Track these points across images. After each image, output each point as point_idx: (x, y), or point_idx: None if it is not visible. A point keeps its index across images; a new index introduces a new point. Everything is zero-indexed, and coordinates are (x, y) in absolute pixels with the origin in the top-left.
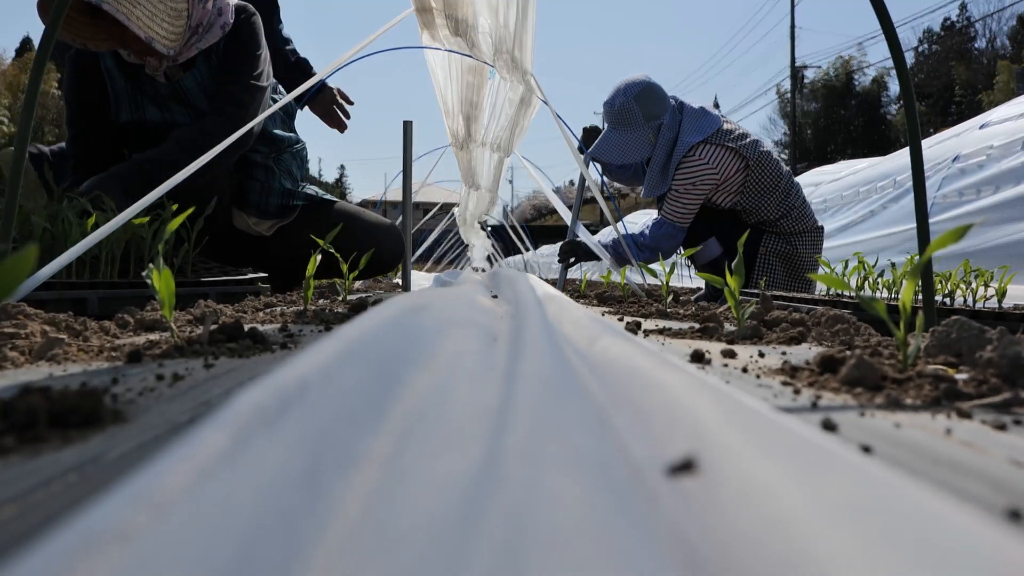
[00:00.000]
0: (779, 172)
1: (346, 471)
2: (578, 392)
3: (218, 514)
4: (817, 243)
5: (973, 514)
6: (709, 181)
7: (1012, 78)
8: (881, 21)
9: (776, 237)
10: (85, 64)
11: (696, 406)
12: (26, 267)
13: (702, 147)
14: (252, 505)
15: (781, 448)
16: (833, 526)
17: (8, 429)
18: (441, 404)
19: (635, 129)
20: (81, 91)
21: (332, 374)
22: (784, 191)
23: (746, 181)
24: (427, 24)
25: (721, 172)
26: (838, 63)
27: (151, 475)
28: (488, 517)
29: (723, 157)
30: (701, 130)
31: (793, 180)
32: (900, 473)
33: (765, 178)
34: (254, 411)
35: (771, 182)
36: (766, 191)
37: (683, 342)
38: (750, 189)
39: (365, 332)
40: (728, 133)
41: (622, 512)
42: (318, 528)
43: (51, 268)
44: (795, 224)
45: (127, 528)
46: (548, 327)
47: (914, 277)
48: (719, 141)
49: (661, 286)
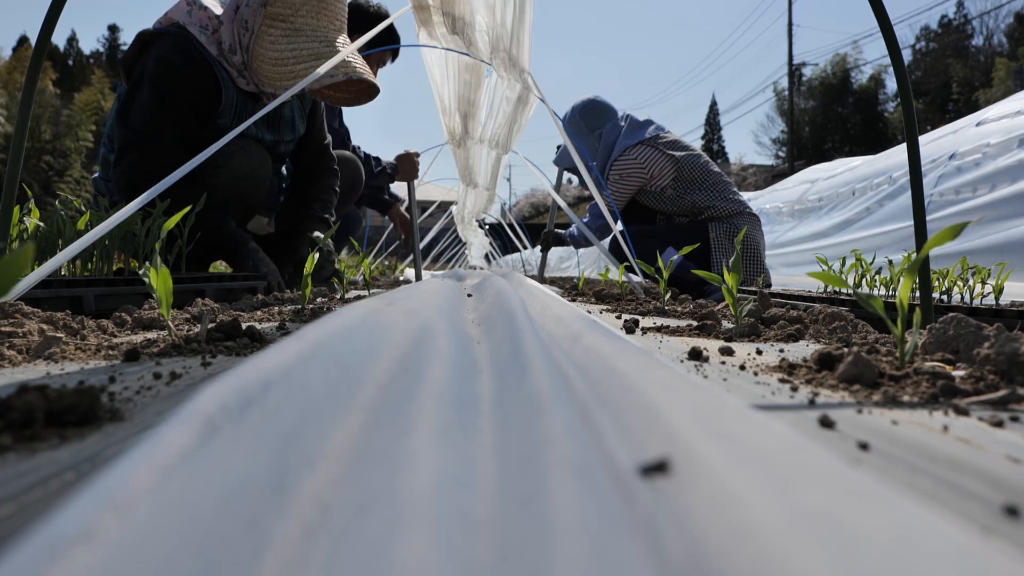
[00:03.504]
0: (709, 170)
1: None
2: (561, 389)
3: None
4: (756, 224)
5: (952, 520)
6: (636, 174)
7: (1009, 75)
8: (879, 18)
9: (718, 222)
10: (202, 71)
11: (672, 405)
12: (23, 266)
13: (633, 148)
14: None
15: (756, 451)
16: (804, 535)
17: (5, 428)
18: (433, 394)
19: (583, 138)
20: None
21: (333, 348)
22: (714, 184)
23: (679, 176)
24: (424, 22)
25: (648, 168)
26: (835, 60)
27: (115, 475)
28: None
29: (651, 156)
30: (636, 136)
31: (725, 178)
32: (880, 477)
33: (696, 172)
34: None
35: (701, 176)
36: (698, 183)
37: (681, 340)
38: (684, 182)
39: (330, 334)
40: (659, 139)
41: (597, 508)
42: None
43: (50, 266)
44: (732, 206)
45: (92, 530)
46: (531, 325)
47: (911, 274)
48: (650, 144)
49: (659, 283)
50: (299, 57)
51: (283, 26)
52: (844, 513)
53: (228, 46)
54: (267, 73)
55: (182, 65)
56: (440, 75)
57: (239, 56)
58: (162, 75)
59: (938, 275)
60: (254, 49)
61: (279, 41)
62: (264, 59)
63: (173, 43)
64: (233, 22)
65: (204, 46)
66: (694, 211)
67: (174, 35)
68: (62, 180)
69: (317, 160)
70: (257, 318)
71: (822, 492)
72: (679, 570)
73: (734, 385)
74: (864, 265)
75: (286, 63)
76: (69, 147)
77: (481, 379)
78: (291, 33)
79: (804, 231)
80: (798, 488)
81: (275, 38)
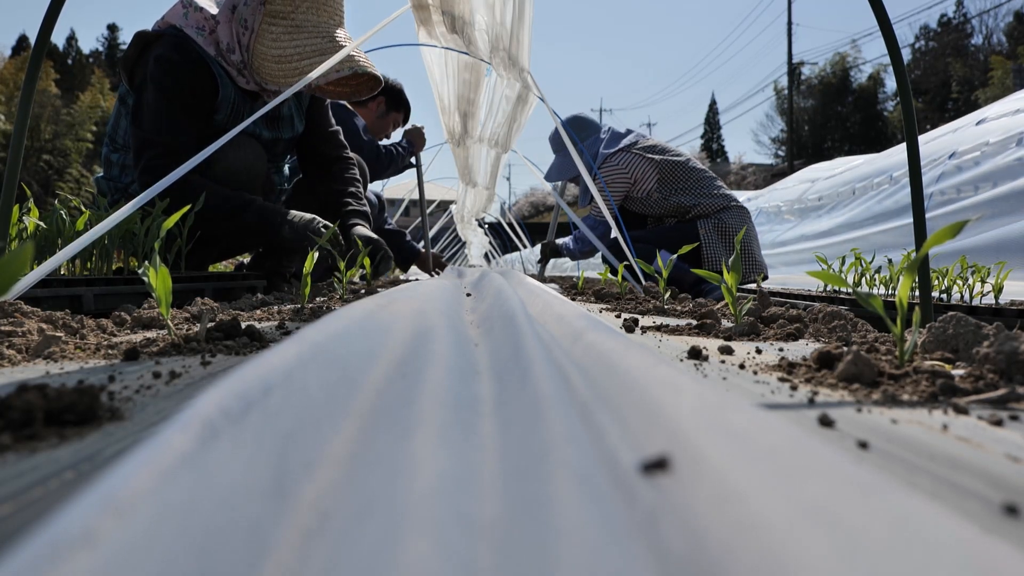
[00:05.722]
0: (690, 168)
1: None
2: (560, 385)
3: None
4: (743, 215)
5: (954, 517)
6: (621, 180)
7: (1008, 74)
8: (878, 17)
9: (706, 219)
10: (199, 68)
11: (673, 403)
12: (22, 265)
13: (614, 155)
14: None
15: (758, 447)
16: (807, 529)
17: (5, 427)
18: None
19: (565, 154)
20: (199, 92)
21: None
22: (697, 182)
23: (662, 179)
24: (424, 21)
25: (631, 173)
26: (835, 59)
27: (116, 478)
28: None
29: (631, 161)
30: (614, 144)
31: (709, 175)
32: (881, 472)
33: (677, 173)
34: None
35: (683, 175)
36: (681, 184)
37: (680, 339)
38: (668, 183)
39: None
40: (637, 144)
41: (600, 509)
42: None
43: (49, 265)
44: (717, 201)
45: (94, 532)
46: (531, 325)
47: (911, 273)
48: (628, 150)
49: (659, 282)
50: (303, 54)
51: (284, 23)
52: (847, 508)
53: (226, 45)
54: (270, 71)
55: (181, 63)
56: (440, 74)
57: (238, 55)
58: (164, 74)
59: (937, 274)
60: (255, 47)
61: (281, 38)
62: (266, 57)
63: (170, 42)
64: (231, 21)
65: (202, 47)
66: (681, 211)
67: (171, 36)
68: (62, 179)
69: (330, 149)
70: (257, 317)
71: (825, 487)
72: (682, 567)
73: (734, 384)
74: (864, 264)
75: (290, 60)
76: (69, 147)
77: (481, 381)
78: (293, 30)
79: (804, 230)
80: (801, 483)
81: (276, 35)
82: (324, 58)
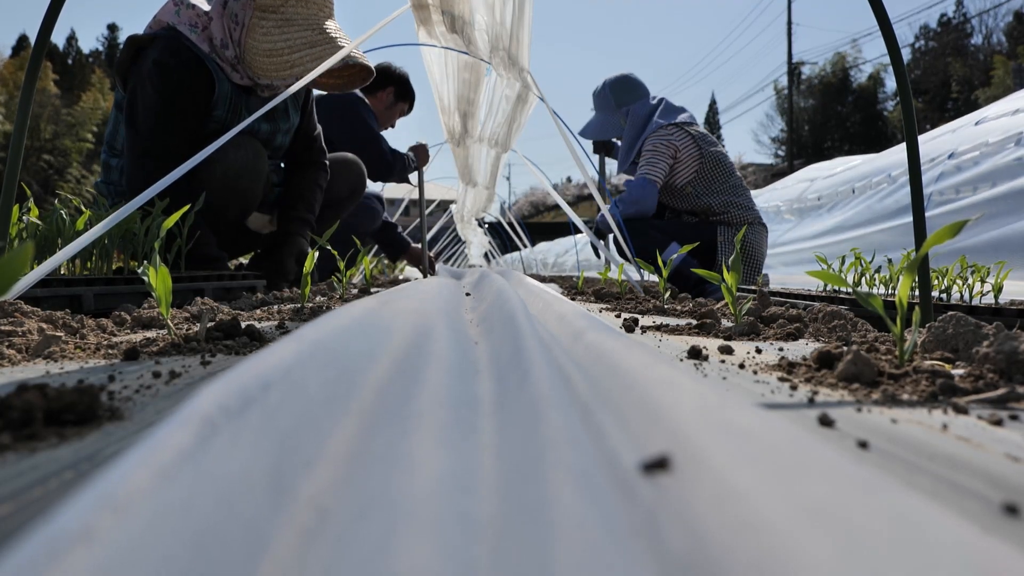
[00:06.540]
0: (730, 172)
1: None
2: (561, 385)
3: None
4: (763, 235)
5: (954, 516)
6: (668, 150)
7: (1008, 74)
8: (878, 17)
9: (727, 227)
10: (194, 68)
11: (673, 402)
12: (22, 264)
13: (667, 127)
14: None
15: (758, 446)
16: (807, 528)
17: (5, 427)
18: (430, 392)
19: (609, 113)
20: (195, 93)
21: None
22: (732, 188)
23: (700, 170)
24: (423, 21)
25: (679, 152)
26: (835, 59)
27: (115, 475)
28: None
29: (682, 138)
30: (671, 117)
31: (743, 184)
32: (882, 472)
33: (717, 172)
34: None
35: (722, 177)
36: (718, 186)
37: (680, 338)
38: (704, 178)
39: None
40: (691, 125)
41: (600, 509)
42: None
43: (49, 264)
44: (744, 214)
45: (92, 530)
46: (531, 325)
47: (911, 273)
48: (682, 127)
49: (659, 282)
50: (293, 47)
51: (274, 17)
52: (847, 508)
53: (219, 41)
54: (261, 65)
55: (176, 66)
56: (439, 74)
57: (231, 50)
58: (159, 78)
59: (937, 273)
60: (246, 42)
61: (271, 32)
62: (257, 51)
63: (164, 45)
64: (222, 17)
65: (195, 44)
66: (707, 212)
67: (164, 37)
68: (62, 179)
69: (306, 152)
70: (256, 317)
71: (825, 487)
72: (682, 566)
73: (734, 384)
74: (863, 264)
75: (280, 53)
76: (69, 146)
77: (480, 380)
78: (282, 23)
79: (804, 230)
80: (801, 483)
81: (267, 29)
82: (314, 50)
